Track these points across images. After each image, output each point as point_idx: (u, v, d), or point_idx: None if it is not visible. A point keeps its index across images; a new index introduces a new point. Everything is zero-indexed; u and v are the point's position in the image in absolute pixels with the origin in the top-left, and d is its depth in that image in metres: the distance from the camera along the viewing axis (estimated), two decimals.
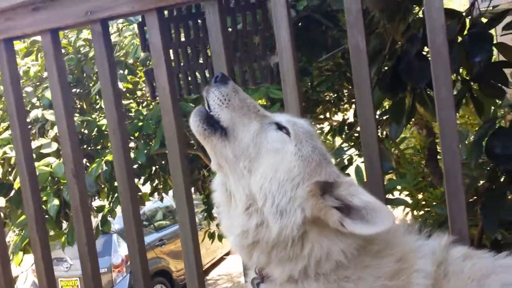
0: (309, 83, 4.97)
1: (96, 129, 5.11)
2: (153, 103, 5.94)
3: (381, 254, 1.14)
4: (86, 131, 5.24)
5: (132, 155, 4.43)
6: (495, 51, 2.34)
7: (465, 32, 2.21)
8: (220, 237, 5.64)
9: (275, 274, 1.17)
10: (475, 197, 2.13)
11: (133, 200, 1.89)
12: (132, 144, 4.79)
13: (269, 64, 2.67)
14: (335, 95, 6.46)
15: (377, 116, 2.70)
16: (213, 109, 1.24)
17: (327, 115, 7.15)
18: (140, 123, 4.65)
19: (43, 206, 3.90)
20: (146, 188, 5.90)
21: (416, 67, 2.00)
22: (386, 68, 2.33)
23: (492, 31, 2.29)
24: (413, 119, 4.75)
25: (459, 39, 2.15)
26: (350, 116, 6.57)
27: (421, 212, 3.43)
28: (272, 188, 1.13)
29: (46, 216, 3.99)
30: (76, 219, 1.96)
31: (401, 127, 2.16)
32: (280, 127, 1.22)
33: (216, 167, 1.27)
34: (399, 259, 1.14)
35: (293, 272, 1.13)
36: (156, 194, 5.98)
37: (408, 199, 3.56)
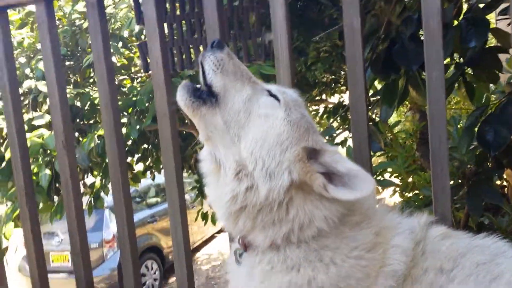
0: (304, 63, 4.93)
1: (89, 102, 5.07)
2: (147, 80, 5.89)
3: (359, 226, 1.18)
4: (79, 104, 5.20)
5: (124, 130, 4.42)
6: (491, 35, 2.33)
7: (461, 16, 2.19)
8: (213, 219, 5.58)
9: (258, 240, 1.20)
10: (460, 181, 2.15)
11: (123, 175, 1.89)
12: (125, 120, 4.76)
13: (263, 42, 2.65)
14: (332, 76, 6.44)
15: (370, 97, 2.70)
16: (207, 73, 1.26)
17: (323, 96, 7.13)
18: (134, 98, 4.61)
19: (34, 177, 3.88)
20: (139, 167, 5.88)
21: (410, 50, 1.99)
22: (380, 49, 2.32)
23: (492, 15, 2.26)
24: (407, 103, 4.76)
25: (455, 22, 2.14)
26: (346, 98, 6.55)
27: (410, 194, 3.47)
28: (262, 152, 1.16)
29: (37, 187, 3.97)
30: (66, 192, 1.95)
31: (392, 109, 2.15)
32: (270, 94, 1.25)
33: (204, 139, 1.28)
34: (377, 233, 1.18)
35: (276, 237, 1.17)
36: (148, 173, 5.97)
37: (398, 181, 3.61)
